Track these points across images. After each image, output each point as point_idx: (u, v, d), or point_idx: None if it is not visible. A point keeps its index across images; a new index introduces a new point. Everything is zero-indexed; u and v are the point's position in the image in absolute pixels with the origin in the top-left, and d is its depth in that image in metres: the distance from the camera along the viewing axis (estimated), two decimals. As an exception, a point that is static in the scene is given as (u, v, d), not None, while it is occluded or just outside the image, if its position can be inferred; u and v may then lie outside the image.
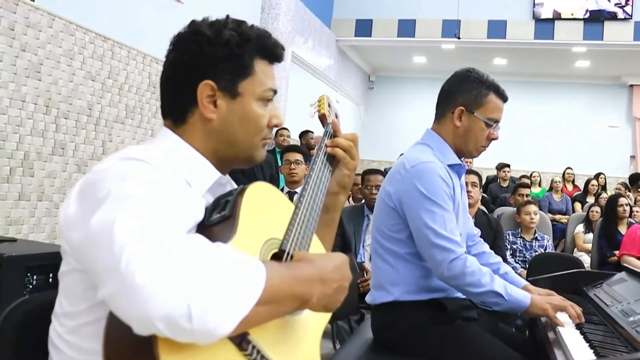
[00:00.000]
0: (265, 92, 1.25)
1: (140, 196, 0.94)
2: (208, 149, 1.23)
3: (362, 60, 12.94)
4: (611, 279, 2.55)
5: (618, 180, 10.35)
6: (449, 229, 2.01)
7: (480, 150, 2.23)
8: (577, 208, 9.11)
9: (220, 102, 1.20)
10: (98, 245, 0.89)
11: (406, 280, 2.10)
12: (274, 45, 1.27)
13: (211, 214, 1.10)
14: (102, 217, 0.91)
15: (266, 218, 1.15)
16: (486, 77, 2.20)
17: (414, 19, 10.70)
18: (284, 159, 4.69)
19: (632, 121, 12.31)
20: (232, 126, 1.22)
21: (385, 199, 2.15)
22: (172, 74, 1.22)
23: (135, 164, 1.02)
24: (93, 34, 4.69)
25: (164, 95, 1.25)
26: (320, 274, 1.05)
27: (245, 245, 1.03)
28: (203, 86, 1.18)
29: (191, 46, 1.19)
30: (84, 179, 1.05)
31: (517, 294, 1.99)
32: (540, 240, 5.07)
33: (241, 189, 1.12)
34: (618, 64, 11.20)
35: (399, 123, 13.16)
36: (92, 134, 4.76)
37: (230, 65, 1.20)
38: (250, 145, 1.26)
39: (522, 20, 10.27)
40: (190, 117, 1.21)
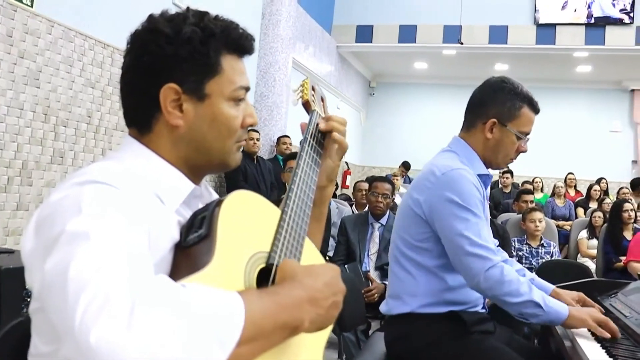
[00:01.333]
0: (236, 92, 1.13)
1: (97, 233, 0.83)
2: (178, 158, 1.12)
3: (362, 67, 12.90)
4: (626, 289, 2.48)
5: (620, 185, 10.30)
6: (483, 236, 1.94)
7: (508, 162, 2.19)
8: (579, 214, 9.05)
9: (186, 106, 1.08)
10: (53, 295, 0.79)
11: (426, 292, 2.03)
12: (242, 36, 1.15)
13: (188, 233, 1.01)
14: (55, 262, 0.81)
15: (249, 231, 1.04)
16: (520, 89, 2.14)
17: (415, 25, 10.67)
18: (287, 166, 4.63)
19: (633, 126, 12.27)
20: (202, 131, 1.11)
21: (412, 207, 2.08)
22: (130, 79, 1.11)
23: (93, 190, 0.91)
24: (93, 41, 4.63)
25: (124, 101, 1.13)
26: (309, 294, 0.94)
27: (226, 267, 0.94)
28: (166, 90, 1.07)
29: (149, 46, 1.07)
30: (39, 209, 0.94)
31: (555, 305, 1.91)
32: (546, 247, 5.00)
33: (217, 202, 1.02)
34: (619, 68, 11.18)
35: (399, 129, 13.12)
36: (92, 142, 4.70)
37: (194, 65, 1.08)
38: (222, 150, 1.14)
39: (524, 25, 10.23)
40: (156, 125, 1.10)
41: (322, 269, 1.02)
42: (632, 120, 12.27)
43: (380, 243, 4.45)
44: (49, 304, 0.80)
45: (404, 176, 11.12)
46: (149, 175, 1.06)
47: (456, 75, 12.64)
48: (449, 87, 13.09)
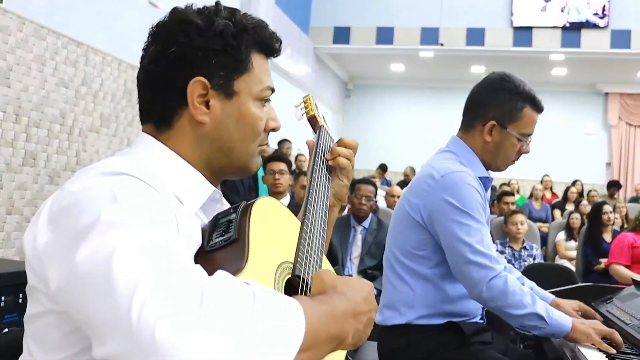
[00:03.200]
0: (264, 91, 1.09)
1: (140, 222, 0.77)
2: (199, 158, 1.05)
3: (339, 68, 12.84)
4: (621, 294, 2.43)
5: (594, 187, 10.39)
6: (485, 244, 1.84)
7: (509, 165, 2.07)
8: (556, 215, 9.11)
9: (213, 102, 1.03)
10: (91, 288, 0.72)
11: (424, 303, 1.93)
12: (272, 37, 1.11)
13: (210, 237, 0.94)
14: (92, 251, 0.74)
15: (275, 239, 1.01)
16: (522, 87, 2.01)
17: (393, 27, 10.64)
18: (267, 169, 4.52)
19: (607, 128, 12.41)
20: (227, 131, 1.05)
21: (409, 211, 1.97)
22: (154, 71, 1.04)
23: (124, 180, 0.86)
24: (66, 39, 4.48)
25: (144, 95, 1.07)
26: (353, 308, 0.88)
27: (259, 273, 0.89)
28: (194, 84, 1.01)
29: (179, 37, 1.01)
30: (54, 201, 0.88)
31: (559, 317, 1.82)
32: (529, 250, 4.98)
33: (246, 207, 0.98)
34: (594, 71, 11.29)
35: (376, 131, 13.08)
36: (65, 143, 4.54)
37: (225, 60, 1.03)
38: (246, 152, 1.09)
39: (501, 27, 10.26)
40: (178, 121, 1.04)
41: (359, 283, 0.96)
42: (605, 123, 12.40)
43: (362, 246, 4.38)
44: (83, 298, 0.74)
45: (381, 178, 11.07)
46: (168, 174, 1.00)
47: (433, 77, 12.65)
48: (426, 89, 13.11)
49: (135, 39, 5.28)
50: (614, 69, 10.90)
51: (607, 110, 12.34)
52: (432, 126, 12.44)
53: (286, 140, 8.24)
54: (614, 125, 12.26)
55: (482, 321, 2.01)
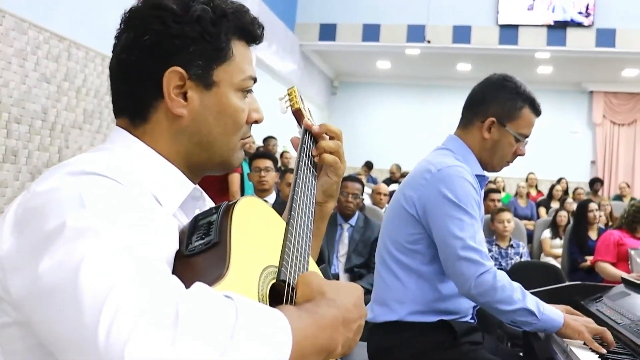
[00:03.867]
0: (245, 81, 1.02)
1: (111, 228, 0.72)
2: (176, 154, 0.99)
3: (325, 65, 12.80)
4: (610, 293, 2.41)
5: (579, 184, 10.45)
6: (478, 240, 1.83)
7: (504, 165, 2.07)
8: (541, 213, 9.15)
9: (191, 93, 0.96)
10: (55, 303, 0.66)
11: (416, 299, 1.91)
12: (254, 22, 1.04)
13: (190, 240, 0.89)
14: (57, 261, 0.68)
15: (258, 241, 0.95)
16: (523, 89, 2.02)
17: (379, 24, 10.60)
18: (253, 166, 4.46)
19: (592, 127, 12.47)
20: (207, 124, 0.99)
21: (404, 205, 1.96)
22: (127, 60, 0.96)
23: (94, 181, 0.79)
24: (48, 33, 4.40)
25: (117, 87, 1.00)
26: (343, 315, 0.83)
27: (242, 279, 0.83)
28: (170, 74, 0.94)
29: (153, 24, 0.94)
30: (20, 202, 0.81)
31: (550, 312, 1.81)
32: (515, 248, 4.97)
33: (227, 207, 0.92)
34: (579, 70, 11.34)
35: (362, 129, 13.05)
36: (47, 140, 4.47)
37: (203, 48, 0.96)
38: (227, 147, 1.03)
39: (487, 25, 10.27)
40: (154, 114, 0.97)
41: (349, 288, 0.91)
42: (590, 121, 12.47)
43: (349, 244, 4.35)
44: (47, 312, 0.68)
45: (367, 176, 11.06)
46: (144, 172, 0.93)
47: (419, 75, 12.65)
48: (412, 86, 13.11)
49: (119, 34, 5.22)
50: (598, 67, 10.96)
51: (592, 109, 12.41)
52: (418, 124, 12.46)
53: (271, 137, 8.17)
54: (599, 123, 12.33)
55: (472, 321, 1.99)
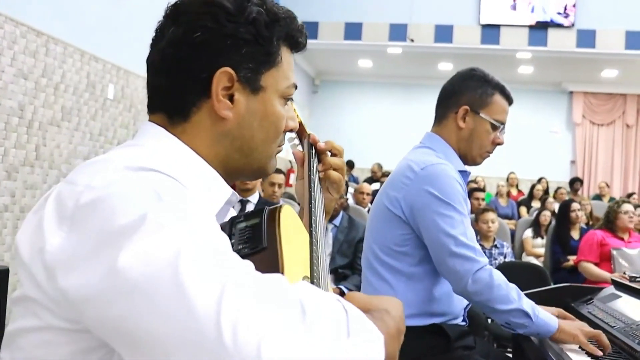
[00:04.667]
0: (289, 89, 1.01)
1: (198, 224, 0.69)
2: (215, 157, 0.96)
3: (307, 64, 12.73)
4: (600, 295, 2.39)
5: (559, 184, 10.51)
6: (469, 236, 1.80)
7: (485, 157, 2.05)
8: (522, 212, 9.19)
9: (238, 96, 0.94)
10: (148, 297, 0.61)
11: (407, 302, 1.84)
12: (301, 30, 1.03)
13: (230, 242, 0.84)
14: (143, 254, 0.64)
15: (296, 251, 0.93)
16: (491, 77, 2.03)
17: (361, 22, 10.56)
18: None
19: (571, 127, 12.55)
20: (250, 129, 0.97)
21: (389, 207, 1.91)
22: (174, 56, 0.92)
23: (158, 177, 0.76)
24: (25, 28, 4.28)
25: (157, 81, 0.96)
26: (397, 326, 0.81)
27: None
28: (221, 75, 0.91)
29: (206, 21, 0.91)
30: (63, 197, 0.75)
31: (545, 316, 1.78)
32: (499, 248, 4.96)
33: (271, 213, 0.91)
34: (559, 70, 11.39)
35: (343, 128, 13.01)
36: (24, 137, 4.35)
37: (255, 51, 0.93)
38: (266, 154, 1.01)
39: (469, 25, 10.27)
40: (196, 114, 0.94)
41: (392, 300, 0.88)
42: (570, 121, 12.54)
43: (333, 245, 4.30)
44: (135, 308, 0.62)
45: (348, 175, 11.02)
46: (187, 172, 0.88)
47: (400, 74, 12.64)
48: (393, 85, 13.10)
49: (98, 29, 5.11)
50: (579, 68, 11.01)
51: (572, 109, 12.48)
52: (400, 123, 12.44)
53: None
54: (579, 123, 12.41)
55: (464, 323, 1.95)
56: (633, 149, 12.31)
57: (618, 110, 12.37)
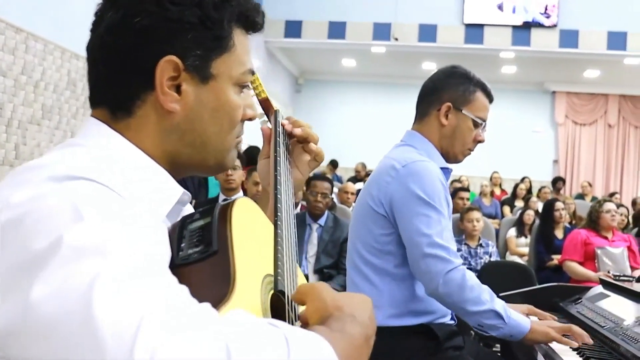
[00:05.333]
0: (244, 75, 0.91)
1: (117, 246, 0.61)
2: (163, 153, 0.87)
3: (290, 63, 12.70)
4: (589, 294, 2.38)
5: (542, 183, 10.57)
6: (445, 237, 1.76)
7: (466, 154, 2.03)
8: (506, 212, 9.21)
9: (186, 87, 0.85)
10: (60, 338, 0.55)
11: (393, 301, 1.84)
12: (257, 8, 0.92)
13: (179, 246, 0.77)
14: (56, 288, 0.56)
15: (255, 249, 0.84)
16: (472, 74, 2.02)
17: (345, 22, 10.54)
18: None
19: (554, 126, 12.63)
20: (201, 122, 0.88)
21: (372, 205, 1.89)
22: (113, 44, 0.83)
23: (84, 188, 0.67)
24: (4, 24, 4.21)
25: (97, 72, 0.87)
26: (366, 332, 0.74)
27: (249, 296, 0.74)
28: (165, 64, 0.82)
29: (147, 4, 0.82)
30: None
31: (517, 317, 1.75)
32: (485, 247, 4.95)
33: (223, 210, 0.81)
34: (542, 70, 11.46)
35: (327, 127, 12.96)
36: (4, 136, 4.27)
37: (203, 36, 0.84)
38: (222, 147, 0.92)
39: (453, 25, 10.29)
40: (141, 107, 0.85)
41: (362, 300, 0.81)
42: (553, 121, 12.62)
43: (318, 245, 4.26)
44: (43, 348, 0.55)
45: (332, 174, 10.99)
46: (131, 173, 0.80)
47: (384, 73, 12.64)
48: (377, 85, 13.10)
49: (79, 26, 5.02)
50: (561, 68, 11.08)
51: (555, 109, 12.56)
52: (383, 122, 12.43)
53: None
54: (561, 123, 12.49)
55: (452, 321, 1.93)
56: (615, 148, 12.42)
57: (600, 110, 12.47)
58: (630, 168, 12.39)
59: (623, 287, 2.23)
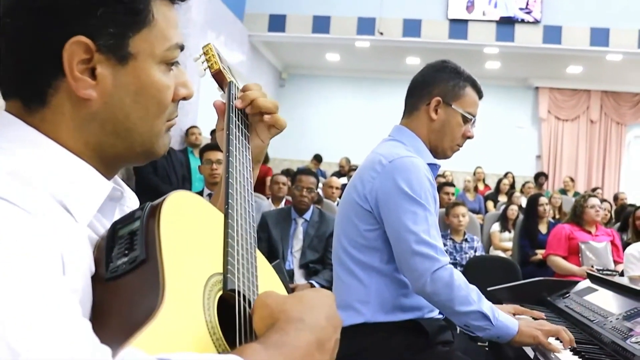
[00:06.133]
0: (170, 51, 0.82)
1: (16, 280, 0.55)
2: (86, 146, 0.79)
3: (274, 57, 12.62)
4: (576, 288, 2.38)
5: (525, 179, 10.62)
6: (432, 234, 1.74)
7: (455, 150, 2.01)
8: (489, 207, 9.26)
9: (101, 70, 0.76)
10: None
11: (380, 297, 1.81)
12: None
13: (110, 257, 0.70)
14: None
15: (197, 247, 0.77)
16: (462, 69, 2.01)
17: (329, 16, 10.50)
18: (204, 158, 4.28)
19: (537, 122, 12.68)
20: (123, 107, 0.79)
21: (357, 201, 1.86)
22: (13, 26, 0.74)
23: None
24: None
25: (3, 61, 0.77)
26: (317, 337, 0.69)
27: (184, 305, 0.67)
28: (72, 46, 0.73)
29: None
30: None
31: (505, 319, 1.73)
32: (470, 242, 4.96)
33: (152, 209, 0.74)
34: (526, 66, 11.47)
35: (311, 121, 12.96)
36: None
37: (116, 11, 0.75)
38: (150, 133, 0.83)
39: (437, 19, 10.29)
40: (53, 97, 0.76)
41: (317, 297, 0.75)
42: (536, 117, 12.66)
43: (304, 240, 4.24)
44: None
45: (316, 169, 10.96)
46: (47, 174, 0.72)
47: (368, 68, 12.60)
48: (361, 79, 13.07)
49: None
50: (544, 63, 11.10)
51: (538, 104, 12.60)
52: (367, 117, 12.43)
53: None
54: (544, 119, 12.54)
55: (441, 316, 1.91)
56: (597, 144, 12.49)
57: (582, 106, 12.53)
58: (612, 164, 12.47)
59: (610, 281, 2.23)
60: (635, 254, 3.84)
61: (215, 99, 1.13)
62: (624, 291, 2.08)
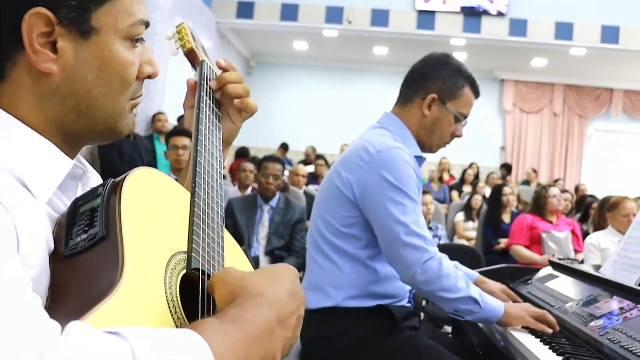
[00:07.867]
0: (135, 27, 0.81)
1: None
2: (46, 122, 0.77)
3: (242, 44, 12.53)
4: (538, 275, 2.42)
5: (489, 169, 10.77)
6: (420, 225, 1.75)
7: (441, 147, 2.01)
8: (454, 197, 9.37)
9: (62, 44, 0.74)
10: None
11: (352, 283, 1.81)
12: None
13: (70, 234, 0.70)
14: None
15: (160, 225, 0.76)
16: (464, 68, 1.99)
17: (298, 4, 10.44)
18: (170, 144, 4.23)
19: (502, 114, 12.84)
20: (84, 83, 0.77)
21: (339, 187, 1.84)
22: None
23: None
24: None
25: None
26: (278, 313, 0.68)
27: (143, 283, 0.66)
28: (32, 18, 0.71)
29: None
30: None
31: (492, 302, 1.76)
32: (434, 230, 5.02)
33: (114, 185, 0.73)
34: (492, 58, 11.59)
35: (278, 110, 12.91)
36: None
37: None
38: (112, 110, 0.81)
39: (405, 10, 10.31)
40: (13, 71, 0.74)
41: (278, 272, 0.74)
42: (501, 109, 12.82)
43: (270, 226, 4.23)
44: None
45: (283, 157, 10.94)
46: (3, 149, 0.70)
47: (336, 57, 12.59)
48: (328, 69, 13.05)
49: None
50: (510, 56, 11.24)
51: (503, 96, 12.75)
52: (334, 106, 12.45)
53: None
54: (509, 111, 12.70)
55: (409, 304, 1.93)
56: (560, 136, 12.71)
57: (546, 99, 12.73)
58: (574, 156, 12.72)
59: (571, 268, 2.27)
60: (595, 243, 3.93)
61: (182, 83, 1.11)
62: (585, 277, 2.13)
